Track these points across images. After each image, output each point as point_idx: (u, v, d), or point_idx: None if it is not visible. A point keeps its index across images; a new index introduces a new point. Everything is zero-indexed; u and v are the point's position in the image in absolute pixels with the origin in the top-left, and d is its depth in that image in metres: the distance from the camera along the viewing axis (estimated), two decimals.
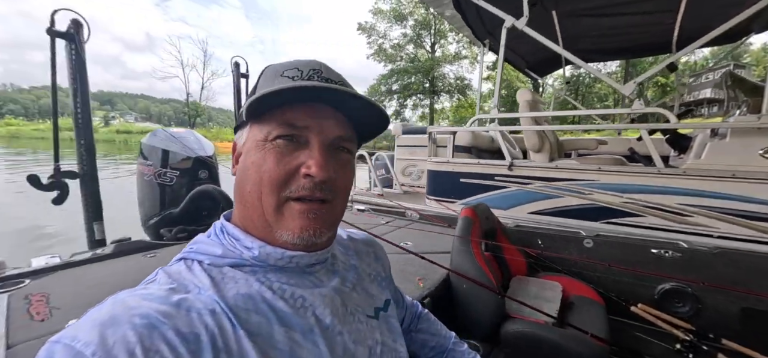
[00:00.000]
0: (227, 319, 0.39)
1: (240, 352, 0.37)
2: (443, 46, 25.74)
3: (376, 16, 24.94)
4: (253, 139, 0.47)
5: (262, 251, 0.46)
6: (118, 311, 0.34)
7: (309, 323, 0.45)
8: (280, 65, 0.49)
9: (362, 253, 0.66)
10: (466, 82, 25.16)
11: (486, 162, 2.67)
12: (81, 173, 2.44)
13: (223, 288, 0.42)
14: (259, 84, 0.49)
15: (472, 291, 1.39)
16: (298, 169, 0.45)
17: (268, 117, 0.45)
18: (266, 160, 0.44)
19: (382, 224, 2.38)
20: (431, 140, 3.21)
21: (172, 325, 0.35)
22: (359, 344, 0.49)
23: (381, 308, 0.59)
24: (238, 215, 0.49)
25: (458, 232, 1.54)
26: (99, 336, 0.31)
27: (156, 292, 0.38)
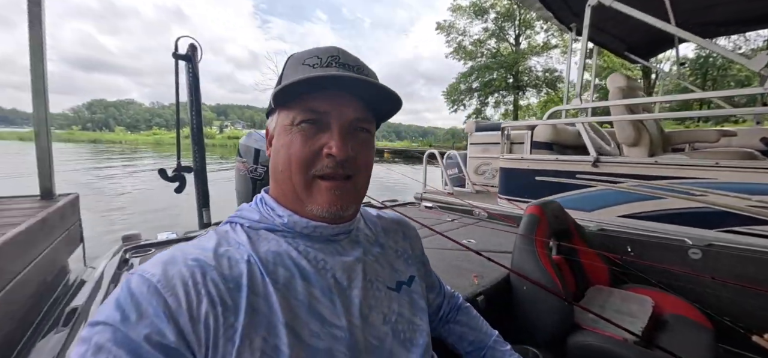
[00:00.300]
0: (258, 269, 0.47)
1: (266, 295, 0.45)
2: (529, 37, 23.84)
3: (455, 13, 24.34)
4: (281, 124, 0.53)
5: (290, 219, 0.53)
6: (178, 254, 0.45)
7: (328, 283, 0.51)
8: (302, 54, 0.54)
9: (390, 230, 0.69)
10: (556, 74, 22.88)
11: (566, 158, 2.42)
12: (195, 169, 2.97)
13: (257, 245, 0.50)
14: (284, 73, 0.54)
15: (535, 294, 1.30)
16: (321, 150, 0.50)
17: (292, 104, 0.51)
18: (293, 142, 0.50)
19: (447, 221, 2.34)
20: (504, 136, 3.04)
21: (216, 267, 0.44)
22: (374, 310, 0.53)
23: (404, 282, 0.62)
24: (273, 189, 0.57)
25: (521, 230, 1.45)
26: (162, 270, 0.42)
27: (207, 244, 0.48)
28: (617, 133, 2.44)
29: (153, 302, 0.39)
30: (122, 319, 0.38)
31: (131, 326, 0.37)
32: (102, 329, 0.37)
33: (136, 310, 0.38)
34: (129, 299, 0.39)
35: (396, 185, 8.84)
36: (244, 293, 0.44)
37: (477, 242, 1.92)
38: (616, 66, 16.28)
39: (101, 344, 0.36)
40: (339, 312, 0.49)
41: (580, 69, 2.51)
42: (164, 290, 0.40)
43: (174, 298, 0.40)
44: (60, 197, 2.44)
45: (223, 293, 0.43)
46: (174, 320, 0.39)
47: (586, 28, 2.44)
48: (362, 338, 0.49)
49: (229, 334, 0.41)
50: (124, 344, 0.36)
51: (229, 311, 0.42)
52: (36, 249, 1.80)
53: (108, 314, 0.38)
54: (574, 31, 3.46)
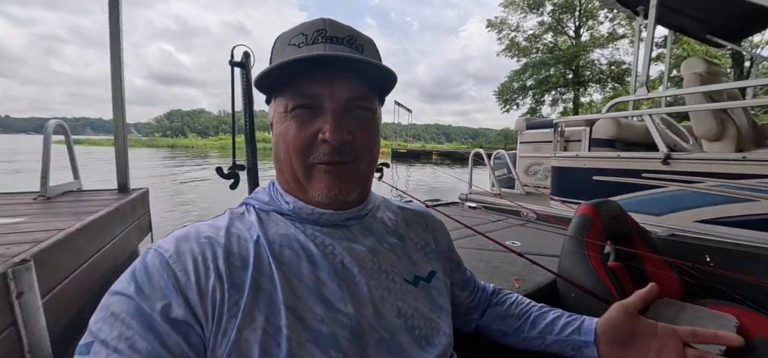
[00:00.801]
0: (265, 249, 0.47)
1: (271, 275, 0.45)
2: (592, 27, 21.99)
3: (507, 9, 23.28)
4: (276, 111, 0.51)
5: (295, 205, 0.52)
6: (191, 231, 0.46)
7: (335, 268, 0.49)
8: (288, 33, 0.51)
9: (411, 222, 0.65)
10: (624, 66, 20.81)
11: (629, 156, 2.16)
12: (248, 167, 3.19)
13: (266, 226, 0.50)
14: (272, 57, 0.52)
15: (585, 303, 1.16)
16: (317, 136, 0.48)
17: (284, 89, 0.49)
18: (289, 130, 0.48)
19: (491, 221, 2.22)
20: (558, 133, 2.81)
21: (226, 245, 0.45)
22: (387, 302, 0.50)
23: (423, 277, 0.58)
24: (277, 176, 0.56)
25: (570, 232, 1.31)
26: (175, 245, 0.44)
27: (220, 223, 0.49)
28: (695, 127, 2.13)
29: (164, 276, 0.41)
30: (136, 290, 0.39)
31: (144, 298, 0.39)
32: (118, 299, 0.39)
33: (149, 282, 0.40)
34: (143, 271, 0.41)
35: (442, 187, 8.67)
36: (249, 271, 0.44)
37: (522, 244, 1.78)
38: (699, 54, 14.35)
39: (117, 313, 0.38)
40: (345, 298, 0.47)
41: (647, 54, 2.23)
42: (175, 265, 0.41)
43: (183, 272, 0.41)
44: (133, 191, 2.75)
45: (231, 270, 0.43)
46: (183, 293, 0.40)
47: (653, 8, 2.16)
48: (370, 327, 0.47)
49: (233, 310, 0.41)
50: (137, 314, 0.38)
51: (234, 287, 0.42)
52: (110, 234, 2.04)
53: (124, 285, 0.40)
54: (643, 16, 3.09)
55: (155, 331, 0.37)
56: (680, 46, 15.32)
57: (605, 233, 1.35)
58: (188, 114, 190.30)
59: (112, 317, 0.38)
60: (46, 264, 1.39)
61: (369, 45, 0.52)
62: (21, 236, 1.55)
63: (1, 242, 1.46)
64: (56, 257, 1.49)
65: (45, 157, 2.42)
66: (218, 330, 0.40)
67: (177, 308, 0.39)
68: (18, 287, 1.18)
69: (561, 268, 1.25)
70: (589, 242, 1.24)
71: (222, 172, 3.22)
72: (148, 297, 0.39)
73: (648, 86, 2.19)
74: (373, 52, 0.53)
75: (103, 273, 1.92)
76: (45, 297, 1.32)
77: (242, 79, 3.42)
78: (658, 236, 1.69)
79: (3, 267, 1.16)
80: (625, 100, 2.49)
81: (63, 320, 1.50)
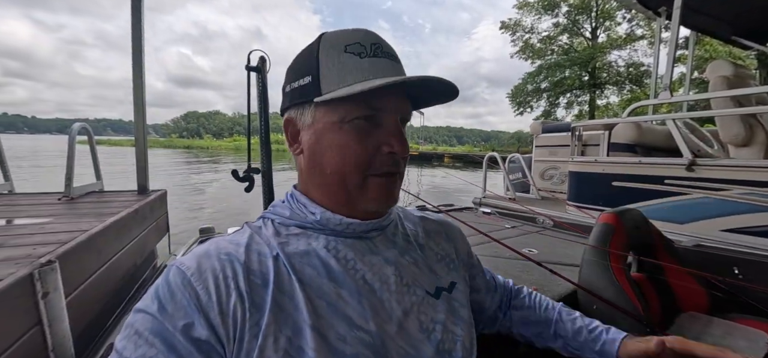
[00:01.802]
0: (285, 266, 0.46)
1: (292, 294, 0.44)
2: (609, 28, 21.52)
3: (521, 10, 23.00)
4: (324, 120, 0.48)
5: (322, 216, 0.51)
6: (212, 248, 0.46)
7: (357, 284, 0.48)
8: (339, 38, 0.49)
9: (432, 232, 0.64)
10: (643, 68, 20.28)
11: (651, 161, 2.09)
12: (262, 170, 3.23)
13: (285, 242, 0.49)
14: (320, 61, 0.48)
15: (607, 316, 1.12)
16: (380, 148, 0.48)
17: (344, 99, 0.46)
18: (348, 142, 0.47)
19: (506, 227, 2.18)
20: (575, 137, 2.75)
21: (246, 262, 0.45)
22: (410, 316, 0.49)
23: (445, 288, 0.57)
24: (308, 187, 0.54)
25: (591, 241, 1.27)
26: (197, 263, 0.44)
27: (240, 239, 0.49)
28: (721, 132, 2.05)
29: (186, 294, 0.41)
30: (159, 309, 0.40)
31: (167, 317, 0.39)
32: (142, 317, 0.40)
33: (171, 300, 0.40)
34: (166, 289, 0.41)
35: (454, 191, 8.60)
36: (270, 289, 0.43)
37: (539, 252, 1.74)
38: (721, 56, 13.89)
39: (140, 331, 0.39)
40: (368, 316, 0.46)
41: (671, 57, 2.16)
42: (196, 283, 0.41)
43: (205, 291, 0.41)
44: (152, 192, 2.82)
45: (251, 288, 0.43)
46: (204, 313, 0.40)
47: (677, 9, 2.10)
48: (393, 344, 0.46)
49: (254, 331, 0.41)
50: (160, 333, 0.38)
51: (255, 306, 0.42)
52: (130, 235, 2.09)
53: (148, 304, 0.41)
54: (664, 17, 3.00)
55: (177, 351, 0.38)
56: (702, 47, 14.85)
57: (628, 243, 1.31)
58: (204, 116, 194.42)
59: (136, 336, 0.38)
60: (70, 265, 1.43)
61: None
62: (46, 236, 1.60)
63: (28, 243, 1.50)
64: (80, 257, 1.53)
65: (69, 159, 2.49)
66: (240, 351, 0.40)
67: (199, 328, 0.39)
68: (43, 288, 1.21)
69: (582, 278, 1.22)
70: (612, 253, 1.20)
71: (237, 175, 3.25)
72: (171, 316, 0.39)
73: (671, 90, 2.12)
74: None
75: (123, 274, 1.96)
76: (68, 297, 1.35)
77: (258, 83, 3.45)
78: (682, 246, 1.63)
79: (30, 268, 1.20)
80: (648, 104, 2.42)
81: (85, 320, 1.54)
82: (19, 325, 1.13)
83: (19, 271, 1.17)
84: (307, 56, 0.50)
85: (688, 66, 3.85)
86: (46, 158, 17.05)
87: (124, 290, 1.96)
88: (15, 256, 1.34)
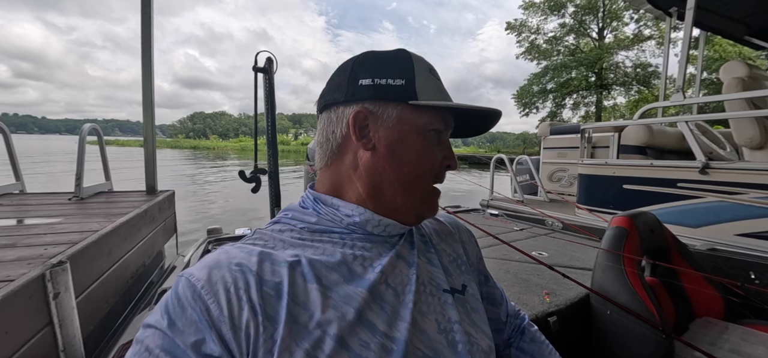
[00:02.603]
0: (303, 274, 0.44)
1: (308, 304, 0.43)
2: (616, 29, 21.33)
3: (527, 11, 22.88)
4: (411, 123, 0.50)
5: (362, 217, 0.50)
6: (223, 258, 0.44)
7: (380, 289, 0.47)
8: (420, 60, 0.55)
9: (442, 233, 0.64)
10: (651, 69, 20.06)
11: (664, 164, 2.06)
12: (269, 171, 3.23)
13: (306, 248, 0.48)
14: (415, 71, 0.52)
15: (621, 321, 1.10)
16: (442, 161, 0.53)
17: (427, 109, 0.51)
18: (428, 149, 0.52)
19: (514, 230, 2.16)
20: (585, 139, 2.72)
21: (258, 272, 0.43)
22: (427, 317, 0.49)
23: (458, 290, 0.56)
24: (345, 186, 0.53)
25: (605, 244, 1.25)
26: (207, 274, 0.42)
27: (252, 247, 0.47)
28: (736, 134, 2.01)
29: (197, 309, 0.39)
30: (169, 324, 0.39)
31: (178, 333, 0.38)
32: (152, 333, 0.39)
33: (182, 315, 0.39)
34: (176, 303, 0.40)
35: (460, 192, 8.56)
36: (284, 301, 0.41)
37: (549, 255, 1.72)
38: (731, 57, 13.68)
39: (151, 348, 0.38)
40: (390, 320, 0.45)
41: (683, 57, 2.13)
42: (207, 296, 0.40)
43: (216, 305, 0.40)
44: (160, 193, 2.84)
45: (264, 300, 0.41)
46: (216, 328, 0.39)
47: (690, 10, 2.06)
48: (412, 347, 0.45)
49: (268, 345, 0.39)
50: (170, 351, 0.37)
51: (268, 319, 0.40)
52: (139, 236, 2.10)
53: (157, 319, 0.40)
54: (675, 17, 2.96)
55: None
56: (711, 47, 14.65)
57: (642, 247, 1.28)
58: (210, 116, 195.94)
59: (147, 352, 0.37)
60: (81, 265, 1.44)
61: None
62: (57, 236, 1.61)
63: (40, 243, 1.52)
64: (90, 257, 1.54)
65: (80, 160, 2.52)
66: None
67: (211, 344, 0.38)
68: (55, 288, 1.22)
69: (594, 282, 1.20)
70: (626, 257, 1.18)
71: (244, 176, 3.26)
72: (182, 332, 0.38)
73: (684, 92, 2.09)
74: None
75: (132, 273, 1.97)
76: (78, 298, 1.36)
77: (265, 83, 3.46)
78: (696, 250, 1.60)
79: (42, 268, 1.20)
80: (660, 106, 2.38)
81: (94, 320, 1.55)
82: (31, 325, 1.14)
83: (31, 271, 1.18)
84: (398, 61, 0.53)
85: (699, 67, 3.79)
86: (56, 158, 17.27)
87: (133, 291, 1.97)
88: (27, 256, 1.35)
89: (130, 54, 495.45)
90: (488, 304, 0.69)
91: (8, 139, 2.88)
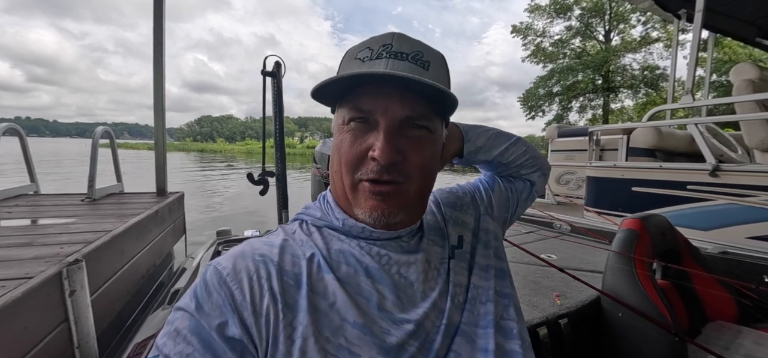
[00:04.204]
0: (319, 265, 0.47)
1: (327, 294, 0.44)
2: (623, 31, 21.16)
3: (533, 14, 22.81)
4: (336, 122, 0.51)
5: (345, 222, 0.51)
6: (247, 249, 0.47)
7: (393, 279, 0.48)
8: (357, 46, 0.50)
9: (446, 204, 0.63)
10: (659, 71, 19.85)
11: (674, 166, 2.04)
12: (277, 174, 3.26)
13: (320, 242, 0.50)
14: (339, 69, 0.51)
15: (633, 324, 1.09)
16: (368, 152, 0.46)
17: (344, 102, 0.48)
18: (343, 142, 0.48)
19: (522, 233, 2.15)
20: (593, 142, 2.70)
21: (279, 263, 0.46)
22: (442, 296, 0.49)
23: (455, 245, 0.56)
24: (331, 188, 0.55)
25: (615, 247, 1.24)
26: (232, 263, 0.44)
27: (274, 240, 0.49)
28: (746, 137, 1.99)
29: (222, 293, 0.42)
30: (197, 307, 0.41)
31: (204, 315, 0.40)
32: (181, 315, 0.41)
33: (208, 299, 0.42)
34: (204, 288, 0.43)
35: None
36: (303, 291, 0.43)
37: (558, 257, 1.72)
38: (742, 58, 13.50)
39: (180, 329, 0.40)
40: (407, 308, 0.46)
41: (692, 60, 2.11)
42: (232, 283, 0.42)
43: (240, 291, 0.42)
44: (170, 194, 2.87)
45: (284, 289, 0.43)
46: (238, 312, 0.41)
47: (699, 12, 2.05)
48: (431, 326, 0.46)
49: (288, 332, 0.41)
50: (197, 332, 0.39)
51: (288, 307, 0.42)
52: (150, 236, 2.13)
53: (186, 302, 0.42)
54: (684, 19, 2.94)
55: (213, 349, 0.38)
56: (720, 49, 14.47)
57: (653, 250, 1.27)
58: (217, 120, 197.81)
59: (176, 333, 0.39)
60: (95, 264, 1.46)
61: (437, 61, 0.50)
62: (72, 236, 1.64)
63: (55, 242, 1.55)
64: (103, 257, 1.57)
65: (92, 162, 2.56)
66: (275, 352, 0.40)
67: (233, 327, 0.40)
68: (71, 286, 1.25)
69: (605, 285, 1.19)
70: (637, 259, 1.17)
71: (252, 178, 3.29)
72: (207, 314, 0.40)
73: (693, 94, 2.07)
74: (441, 68, 0.51)
75: (143, 273, 2.00)
76: (93, 295, 1.38)
77: (273, 87, 3.49)
78: (708, 254, 1.58)
79: (58, 267, 1.23)
80: (668, 108, 2.36)
81: (107, 318, 1.57)
82: (48, 321, 1.16)
83: (48, 269, 1.21)
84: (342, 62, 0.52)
85: (708, 69, 3.76)
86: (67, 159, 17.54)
87: (144, 291, 1.99)
88: (44, 254, 1.38)
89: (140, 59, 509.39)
90: (506, 199, 0.70)
91: (24, 142, 2.94)
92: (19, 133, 2.91)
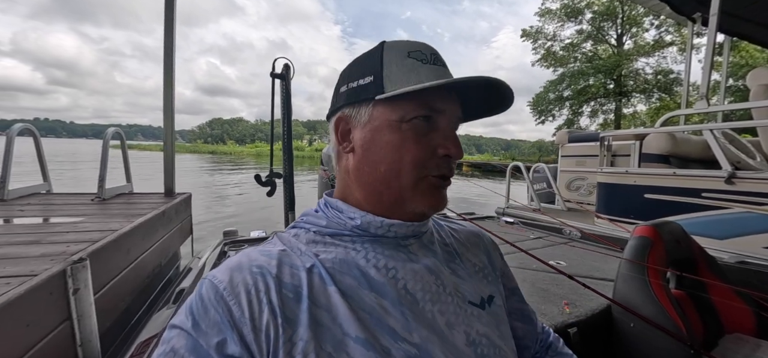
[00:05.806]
0: (321, 277, 0.45)
1: (329, 307, 0.43)
2: (636, 35, 20.87)
3: (543, 18, 22.65)
4: (383, 118, 0.48)
5: (364, 220, 0.49)
6: (244, 261, 0.45)
7: (399, 294, 0.46)
8: (401, 45, 0.51)
9: (467, 242, 0.62)
10: (672, 76, 19.50)
11: (688, 173, 1.98)
12: (284, 175, 3.27)
13: (322, 252, 0.48)
14: (384, 63, 0.49)
15: (645, 334, 1.05)
16: (435, 150, 0.48)
17: (401, 99, 0.47)
18: (405, 140, 0.47)
19: (531, 238, 2.11)
20: (604, 147, 2.65)
21: (278, 275, 0.43)
22: (455, 328, 0.47)
23: (485, 300, 0.54)
24: (349, 190, 0.53)
25: (627, 255, 1.20)
26: (229, 277, 0.43)
27: (272, 250, 0.47)
28: (764, 143, 1.93)
29: (219, 310, 0.40)
30: (193, 325, 0.40)
31: (201, 334, 0.39)
32: (178, 334, 0.40)
33: (205, 316, 0.40)
34: (200, 304, 0.41)
35: (476, 200, 8.46)
36: (304, 304, 0.42)
37: (568, 264, 1.67)
38: (759, 63, 13.16)
39: (176, 348, 0.38)
40: (411, 326, 0.44)
41: (707, 64, 2.05)
42: (229, 298, 0.41)
43: (238, 306, 0.40)
44: (178, 195, 2.90)
45: (284, 302, 0.41)
46: (238, 329, 0.39)
47: (714, 16, 1.99)
48: (441, 356, 0.43)
49: (287, 347, 0.39)
50: (195, 351, 0.38)
51: (288, 322, 0.40)
52: (156, 236, 2.15)
53: (182, 320, 0.41)
54: (699, 22, 2.88)
55: None
56: (736, 53, 14.16)
57: (667, 258, 1.23)
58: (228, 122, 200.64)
59: (172, 353, 0.38)
60: (100, 263, 1.47)
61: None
62: (79, 235, 1.66)
63: (62, 240, 1.57)
64: (109, 256, 1.58)
65: (103, 162, 2.60)
66: None
67: (232, 345, 0.38)
68: (75, 284, 1.25)
69: (617, 293, 1.15)
70: (650, 267, 1.13)
71: (260, 179, 3.31)
72: (205, 333, 0.39)
73: (708, 99, 2.01)
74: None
75: (149, 273, 2.01)
76: (97, 294, 1.39)
77: (282, 89, 3.52)
78: (724, 263, 1.52)
79: (63, 265, 1.24)
80: (682, 114, 2.30)
81: (111, 317, 1.58)
82: (51, 319, 1.17)
83: (53, 267, 1.22)
84: (369, 58, 0.51)
85: (723, 73, 3.66)
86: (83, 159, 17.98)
87: (149, 290, 2.01)
88: (50, 252, 1.39)
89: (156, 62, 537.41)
90: (518, 320, 0.65)
91: (37, 142, 3.01)
92: (33, 134, 2.98)
